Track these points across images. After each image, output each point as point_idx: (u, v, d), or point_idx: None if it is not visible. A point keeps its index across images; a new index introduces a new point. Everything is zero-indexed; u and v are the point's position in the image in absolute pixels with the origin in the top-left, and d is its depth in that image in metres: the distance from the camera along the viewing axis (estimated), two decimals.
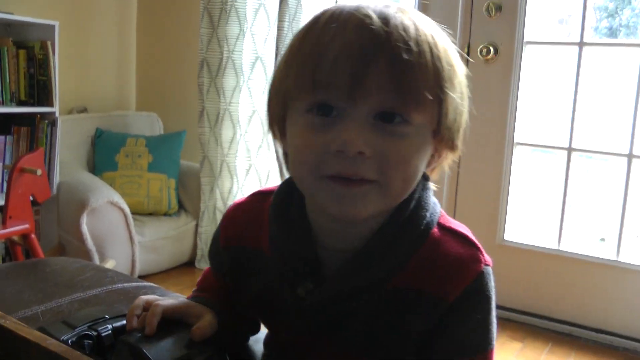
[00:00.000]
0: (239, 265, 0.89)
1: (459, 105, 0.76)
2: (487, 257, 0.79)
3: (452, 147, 0.80)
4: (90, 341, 0.79)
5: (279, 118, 0.79)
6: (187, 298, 0.92)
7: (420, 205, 0.80)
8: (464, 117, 0.79)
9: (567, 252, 2.83)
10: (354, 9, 0.73)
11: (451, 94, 0.74)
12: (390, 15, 0.72)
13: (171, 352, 0.77)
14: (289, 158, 0.80)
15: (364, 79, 0.70)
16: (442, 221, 0.81)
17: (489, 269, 0.79)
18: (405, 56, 0.70)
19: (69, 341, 0.77)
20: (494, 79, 2.86)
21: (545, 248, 2.88)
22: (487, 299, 0.78)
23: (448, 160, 0.83)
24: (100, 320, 0.82)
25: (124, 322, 0.83)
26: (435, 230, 0.80)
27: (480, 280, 0.77)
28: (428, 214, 0.80)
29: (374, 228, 0.79)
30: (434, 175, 0.85)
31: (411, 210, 0.79)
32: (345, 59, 0.70)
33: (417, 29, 0.72)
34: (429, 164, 0.80)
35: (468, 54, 2.89)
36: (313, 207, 0.83)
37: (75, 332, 0.79)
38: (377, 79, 0.70)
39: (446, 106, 0.74)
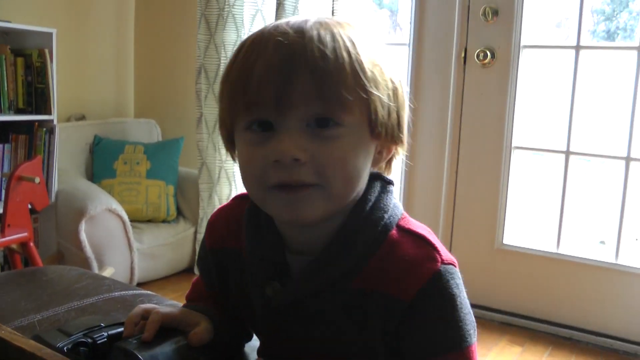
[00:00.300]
0: (223, 267, 0.94)
1: (389, 101, 0.80)
2: (446, 257, 0.80)
3: (395, 141, 0.83)
4: (86, 348, 0.80)
5: (228, 138, 0.85)
6: (183, 307, 0.94)
7: (377, 207, 0.83)
8: (403, 111, 0.83)
9: (566, 255, 2.83)
10: (273, 29, 0.79)
11: (375, 92, 0.77)
12: (307, 28, 0.77)
13: (167, 357, 0.77)
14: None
15: (288, 94, 0.75)
16: (401, 223, 0.84)
17: (450, 268, 0.80)
18: (322, 64, 0.74)
19: (65, 348, 0.78)
20: (491, 83, 2.86)
21: (544, 252, 2.88)
22: (449, 297, 0.79)
23: (398, 154, 0.87)
24: (96, 328, 0.83)
25: (120, 329, 0.83)
26: (394, 232, 0.82)
27: (437, 279, 0.78)
28: (386, 216, 0.83)
29: (331, 231, 0.82)
30: (386, 173, 0.89)
31: (367, 212, 0.82)
32: (268, 78, 0.75)
33: (334, 38, 0.76)
34: (377, 161, 0.84)
35: (465, 58, 2.89)
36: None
37: (70, 340, 0.80)
38: (300, 91, 0.74)
39: (373, 105, 0.78)
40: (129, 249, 3.05)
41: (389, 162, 0.88)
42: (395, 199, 0.87)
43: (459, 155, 2.97)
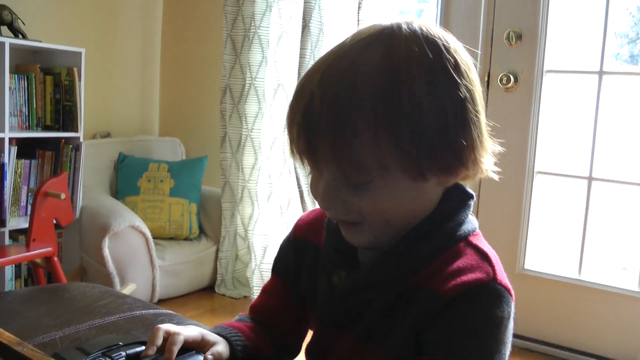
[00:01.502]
0: (300, 257, 1.00)
1: (429, 143, 0.76)
2: (501, 279, 0.80)
3: (453, 173, 0.81)
4: None
5: None
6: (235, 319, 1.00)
7: (452, 219, 0.84)
8: (461, 138, 0.78)
9: (588, 282, 2.80)
10: (309, 83, 0.79)
11: (400, 153, 0.75)
12: (331, 85, 0.77)
13: None
14: None
15: (316, 156, 0.79)
16: (471, 239, 0.85)
17: (502, 290, 0.79)
18: (338, 131, 0.75)
19: None
20: (514, 107, 2.86)
21: (565, 277, 2.86)
22: (488, 313, 0.78)
23: (471, 177, 0.86)
24: (114, 347, 0.84)
25: (138, 349, 0.84)
26: (461, 244, 0.84)
27: (481, 290, 0.79)
28: (457, 227, 0.84)
29: (402, 234, 0.84)
30: (468, 181, 0.88)
31: (440, 222, 0.84)
32: (299, 140, 0.79)
33: (356, 91, 0.75)
34: (444, 183, 0.83)
35: (488, 82, 2.90)
36: None
37: (88, 358, 0.81)
38: (323, 157, 0.78)
39: (402, 160, 0.76)
40: (151, 265, 3.08)
41: (464, 178, 0.86)
42: (472, 214, 0.89)
43: (481, 179, 2.96)
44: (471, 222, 0.87)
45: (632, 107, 2.96)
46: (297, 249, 1.01)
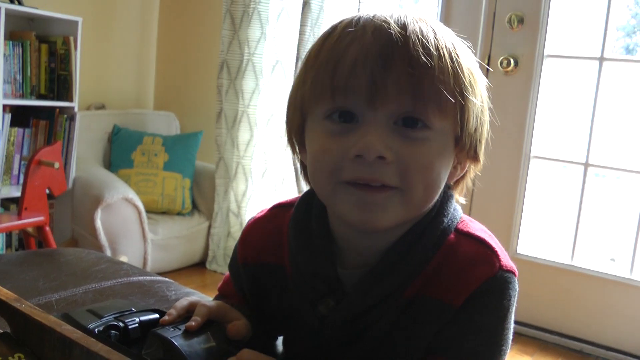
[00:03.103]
0: (259, 281, 0.88)
1: (479, 112, 0.76)
2: (505, 263, 0.76)
3: (474, 157, 0.79)
4: (117, 332, 0.77)
5: (297, 127, 0.79)
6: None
7: (439, 213, 0.78)
8: (485, 128, 0.79)
9: (580, 267, 2.81)
10: (372, 16, 0.73)
11: (472, 98, 0.73)
12: (409, 21, 0.72)
13: (203, 347, 0.74)
14: (307, 168, 0.80)
15: (383, 84, 0.69)
16: (460, 227, 0.79)
17: (508, 276, 0.75)
18: (424, 59, 0.69)
19: (96, 330, 0.75)
20: (513, 91, 2.85)
21: (558, 263, 2.86)
22: (498, 307, 0.75)
23: (471, 173, 0.83)
24: (127, 312, 0.80)
25: (152, 316, 0.80)
26: (452, 236, 0.78)
27: (490, 286, 0.74)
28: (446, 220, 0.78)
29: (392, 240, 0.77)
30: (458, 191, 0.84)
31: (430, 220, 0.78)
32: (364, 63, 0.70)
33: (435, 35, 0.72)
34: (451, 176, 0.78)
35: (488, 64, 2.88)
36: (333, 218, 0.81)
37: (102, 322, 0.77)
38: (397, 83, 0.69)
39: (467, 111, 0.73)
40: (143, 239, 3.06)
41: (459, 180, 0.83)
42: (456, 202, 0.83)
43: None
44: (456, 209, 0.81)
45: (630, 95, 2.95)
46: (252, 274, 0.88)
